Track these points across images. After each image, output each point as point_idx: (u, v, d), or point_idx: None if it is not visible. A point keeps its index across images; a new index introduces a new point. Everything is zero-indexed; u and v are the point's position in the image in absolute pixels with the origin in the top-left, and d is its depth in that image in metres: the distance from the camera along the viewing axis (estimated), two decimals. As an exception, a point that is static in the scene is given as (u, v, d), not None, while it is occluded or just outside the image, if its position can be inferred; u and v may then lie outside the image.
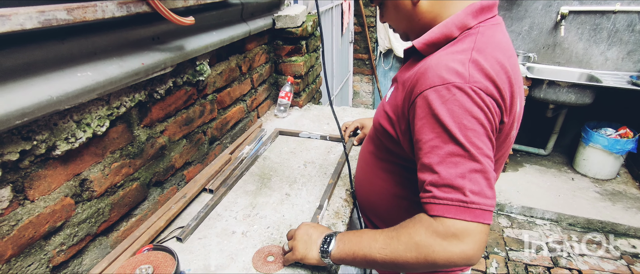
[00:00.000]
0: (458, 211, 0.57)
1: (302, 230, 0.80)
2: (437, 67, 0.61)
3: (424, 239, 0.59)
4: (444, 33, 0.67)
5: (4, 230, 0.61)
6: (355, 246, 0.70)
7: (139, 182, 0.93)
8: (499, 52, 0.63)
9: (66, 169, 0.72)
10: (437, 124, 0.59)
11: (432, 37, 0.69)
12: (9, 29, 0.51)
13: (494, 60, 0.61)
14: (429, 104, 0.60)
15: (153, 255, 0.75)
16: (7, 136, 0.59)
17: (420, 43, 0.70)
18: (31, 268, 0.67)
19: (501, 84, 0.60)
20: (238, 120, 1.42)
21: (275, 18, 1.56)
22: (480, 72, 0.59)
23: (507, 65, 0.62)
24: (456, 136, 0.58)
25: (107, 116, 0.78)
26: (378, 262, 0.65)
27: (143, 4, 0.73)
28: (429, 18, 0.71)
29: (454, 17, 0.67)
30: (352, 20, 3.34)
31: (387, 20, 0.80)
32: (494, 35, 0.66)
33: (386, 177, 0.84)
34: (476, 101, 0.58)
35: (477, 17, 0.67)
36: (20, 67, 0.58)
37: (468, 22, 0.66)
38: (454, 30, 0.67)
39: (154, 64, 0.84)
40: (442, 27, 0.68)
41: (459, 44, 0.65)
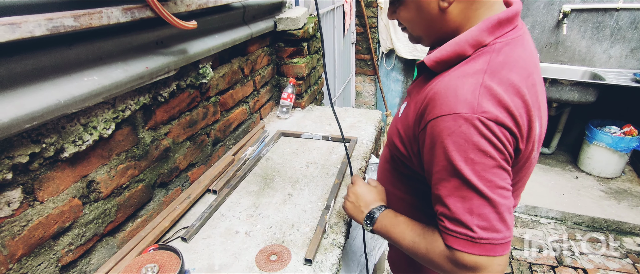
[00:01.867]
0: (467, 245, 0.57)
1: (354, 192, 0.86)
2: (446, 94, 0.57)
3: (440, 259, 0.62)
4: (456, 51, 0.61)
5: (15, 230, 0.63)
6: (390, 231, 0.75)
7: (144, 183, 0.95)
8: (515, 73, 0.57)
9: (74, 171, 0.74)
10: (444, 157, 0.57)
11: (443, 55, 0.63)
12: (19, 36, 0.53)
13: (508, 84, 0.56)
14: (437, 134, 0.58)
15: (158, 254, 0.77)
16: (18, 139, 0.61)
17: (431, 60, 0.65)
18: (41, 267, 0.69)
19: (516, 110, 0.56)
20: (241, 122, 1.44)
21: (277, 20, 1.58)
22: (492, 99, 0.55)
23: (524, 89, 0.57)
24: (462, 171, 0.56)
25: (113, 119, 0.80)
26: (404, 250, 0.72)
27: (147, 9, 0.75)
28: (452, 27, 0.64)
29: (468, 34, 0.61)
30: (353, 21, 3.35)
31: (400, 18, 0.71)
32: (512, 52, 0.60)
33: (401, 186, 0.83)
34: (484, 133, 0.54)
35: (493, 32, 0.60)
36: (30, 73, 0.60)
37: (483, 39, 0.60)
38: (467, 48, 0.61)
39: (158, 68, 0.86)
40: (454, 44, 0.62)
41: (471, 64, 0.60)
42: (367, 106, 3.86)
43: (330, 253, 0.91)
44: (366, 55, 3.62)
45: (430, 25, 0.66)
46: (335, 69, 2.88)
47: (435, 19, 0.64)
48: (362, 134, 1.51)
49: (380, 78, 3.61)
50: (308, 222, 1.01)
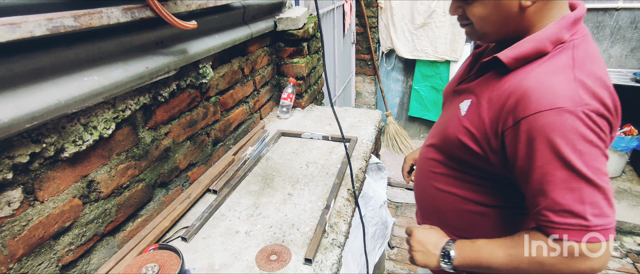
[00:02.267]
0: (580, 235, 0.59)
1: (417, 241, 0.81)
2: (541, 89, 0.59)
3: (548, 259, 0.62)
4: (536, 48, 0.63)
5: (15, 230, 0.63)
6: (476, 259, 0.71)
7: (144, 183, 0.95)
8: (596, 67, 0.61)
9: (74, 171, 0.74)
10: (549, 151, 0.58)
11: (522, 52, 0.64)
12: (19, 36, 0.53)
13: (595, 77, 0.59)
14: (538, 129, 0.58)
15: (159, 254, 0.77)
16: (18, 139, 0.61)
17: (509, 58, 0.65)
18: (41, 267, 0.69)
19: (607, 100, 0.59)
20: (241, 121, 1.44)
21: (277, 20, 1.58)
22: (587, 92, 0.58)
23: (606, 80, 0.61)
24: (572, 163, 0.57)
25: (113, 119, 0.80)
26: (502, 271, 0.69)
27: (147, 9, 0.75)
28: (525, 26, 0.65)
29: (548, 31, 0.63)
30: (353, 21, 3.35)
31: (472, 14, 0.68)
32: (588, 49, 0.63)
33: (460, 186, 0.81)
34: (589, 125, 0.57)
35: (570, 30, 0.63)
36: (30, 73, 0.60)
37: (562, 36, 0.62)
38: (548, 45, 0.62)
39: (158, 68, 0.86)
40: (534, 41, 0.63)
41: (554, 60, 0.62)
42: (367, 105, 3.86)
43: (331, 252, 0.91)
44: (366, 55, 3.62)
45: (504, 23, 0.66)
46: (335, 69, 2.88)
47: (512, 18, 0.64)
48: (362, 134, 1.51)
49: (381, 78, 3.61)
50: (308, 222, 1.01)
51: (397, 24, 3.16)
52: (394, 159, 3.35)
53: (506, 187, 0.74)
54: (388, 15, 3.18)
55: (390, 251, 2.29)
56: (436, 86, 3.24)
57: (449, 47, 3.01)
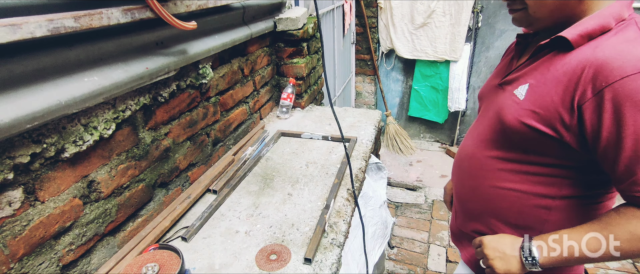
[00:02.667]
0: None
1: (491, 249, 0.77)
2: (622, 57, 0.59)
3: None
4: (601, 24, 0.65)
5: (16, 230, 0.64)
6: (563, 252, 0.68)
7: (144, 183, 0.95)
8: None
9: (74, 171, 0.75)
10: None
11: (587, 28, 0.66)
12: (20, 37, 0.53)
13: None
14: (627, 95, 0.58)
15: (159, 254, 0.77)
16: (19, 139, 0.61)
17: (574, 34, 0.66)
18: (42, 267, 0.70)
19: None
20: (241, 122, 1.44)
21: (277, 21, 1.58)
22: None
23: None
24: None
25: (113, 119, 0.81)
26: (593, 260, 0.67)
27: (147, 10, 0.75)
28: (581, 8, 0.68)
29: (610, 8, 0.66)
30: (353, 21, 3.35)
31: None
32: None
33: (522, 180, 0.78)
34: None
35: (630, 9, 0.67)
36: (31, 74, 0.61)
37: (623, 13, 0.66)
38: (611, 21, 0.65)
39: (158, 68, 0.86)
40: (598, 18, 0.66)
41: (621, 34, 0.64)
42: (367, 105, 3.86)
43: (330, 252, 0.92)
44: (366, 55, 3.62)
45: (561, 7, 0.68)
46: (335, 69, 2.88)
47: (570, 1, 0.67)
48: (362, 134, 1.51)
49: (380, 78, 3.61)
50: (308, 221, 1.02)
51: (397, 24, 3.17)
52: (393, 159, 3.35)
53: (576, 173, 0.72)
54: (388, 15, 3.18)
55: (390, 251, 2.29)
56: (436, 85, 3.24)
57: (448, 47, 3.01)
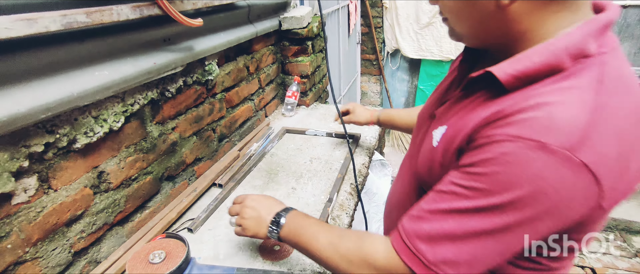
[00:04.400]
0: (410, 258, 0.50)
1: (249, 207, 0.74)
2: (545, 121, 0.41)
3: (358, 260, 0.56)
4: (548, 62, 0.44)
5: (30, 216, 0.67)
6: (298, 237, 0.66)
7: (152, 176, 0.98)
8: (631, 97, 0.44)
9: (85, 162, 0.78)
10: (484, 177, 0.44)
11: (528, 66, 0.45)
12: (36, 31, 0.56)
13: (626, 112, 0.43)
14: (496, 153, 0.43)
15: (165, 242, 0.80)
16: (34, 129, 0.64)
17: (508, 74, 0.46)
18: (55, 253, 0.73)
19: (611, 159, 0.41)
20: (246, 118, 1.47)
21: (282, 19, 1.61)
22: (601, 134, 0.41)
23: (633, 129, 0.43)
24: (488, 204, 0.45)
25: (122, 113, 0.84)
26: (314, 258, 0.63)
27: (155, 7, 0.78)
28: (517, 30, 0.47)
29: (569, 37, 0.43)
30: (358, 21, 3.37)
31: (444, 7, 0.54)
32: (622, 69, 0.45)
33: None
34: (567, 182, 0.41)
35: (599, 38, 0.44)
36: (45, 66, 0.64)
37: (587, 46, 0.43)
38: (565, 58, 0.43)
39: (165, 64, 0.89)
40: (546, 52, 0.44)
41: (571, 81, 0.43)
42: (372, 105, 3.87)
43: (332, 244, 0.93)
44: (371, 55, 3.63)
45: (480, 24, 0.49)
46: (340, 69, 2.90)
47: (489, 17, 0.47)
48: (366, 130, 1.52)
49: (386, 78, 3.62)
50: (311, 214, 1.03)
51: (402, 23, 3.18)
52: (399, 158, 3.36)
53: None
54: (393, 15, 3.19)
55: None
56: (441, 85, 3.24)
57: (454, 47, 3.01)
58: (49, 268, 0.72)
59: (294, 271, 0.84)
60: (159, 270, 0.72)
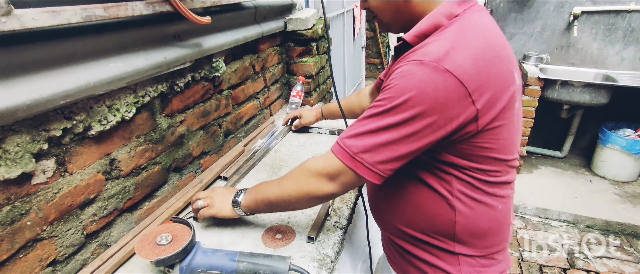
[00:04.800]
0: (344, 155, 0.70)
1: (217, 191, 0.94)
2: (424, 50, 0.64)
3: (302, 174, 0.80)
4: (432, 23, 0.68)
5: (48, 196, 0.71)
6: (255, 194, 0.86)
7: (160, 166, 1.02)
8: (485, 34, 0.65)
9: (99, 148, 0.82)
10: (389, 89, 0.66)
11: (421, 28, 0.69)
12: (59, 22, 0.61)
13: (476, 42, 0.64)
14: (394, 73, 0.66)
15: (172, 226, 0.84)
16: (53, 114, 0.69)
17: (411, 35, 0.70)
18: (69, 233, 0.77)
19: (468, 68, 0.61)
20: (251, 116, 1.51)
21: (287, 21, 1.66)
22: (455, 54, 0.62)
23: (487, 49, 0.64)
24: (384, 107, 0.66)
25: (134, 104, 0.89)
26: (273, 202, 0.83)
27: (166, 3, 0.83)
28: (418, 10, 0.72)
29: (442, 7, 0.69)
30: (363, 25, 3.42)
31: (371, 6, 0.78)
32: (480, 18, 0.68)
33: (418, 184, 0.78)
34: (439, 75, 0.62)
35: (462, 5, 0.69)
36: (66, 56, 0.69)
37: (454, 10, 0.68)
38: (443, 19, 0.68)
39: (175, 59, 0.94)
40: (432, 18, 0.68)
41: (446, 30, 0.66)
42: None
43: (333, 233, 0.96)
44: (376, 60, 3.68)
45: (396, 12, 0.74)
46: (345, 72, 2.94)
47: (400, 5, 0.73)
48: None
49: (390, 81, 3.66)
50: (312, 206, 1.07)
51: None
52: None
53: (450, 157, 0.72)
54: (397, 20, 3.23)
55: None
56: (445, 88, 3.25)
57: (458, 50, 3.03)
58: (64, 247, 0.76)
59: (294, 257, 0.87)
60: (165, 251, 0.76)
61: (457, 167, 0.71)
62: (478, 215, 0.74)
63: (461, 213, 0.74)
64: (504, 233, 0.80)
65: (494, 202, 0.75)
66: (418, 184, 0.77)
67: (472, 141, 0.66)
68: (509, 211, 0.81)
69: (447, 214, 0.75)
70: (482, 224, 0.76)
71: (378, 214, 0.94)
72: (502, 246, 0.81)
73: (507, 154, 0.71)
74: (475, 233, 0.76)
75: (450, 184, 0.73)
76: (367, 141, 0.65)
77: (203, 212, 0.92)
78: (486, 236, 0.77)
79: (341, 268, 0.99)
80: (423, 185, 0.76)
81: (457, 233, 0.76)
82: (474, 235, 0.76)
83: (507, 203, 0.79)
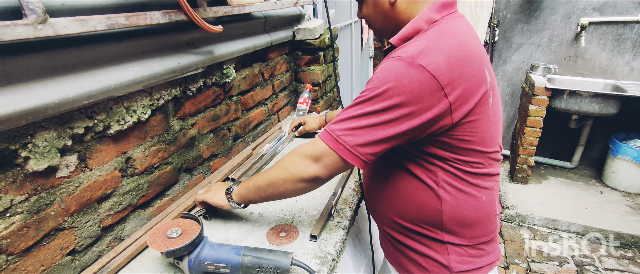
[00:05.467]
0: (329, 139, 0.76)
1: (218, 183, 1.05)
2: (403, 51, 0.71)
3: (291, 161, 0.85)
4: (414, 28, 0.77)
5: (70, 189, 0.77)
6: (246, 184, 0.91)
7: (172, 166, 1.08)
8: (458, 36, 0.72)
9: (116, 147, 0.88)
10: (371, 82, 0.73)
11: (404, 32, 0.78)
12: (86, 29, 0.68)
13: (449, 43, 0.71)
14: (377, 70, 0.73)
15: (182, 221, 0.89)
16: (77, 113, 0.76)
17: (396, 39, 0.79)
18: (87, 225, 0.83)
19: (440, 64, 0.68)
20: (260, 121, 1.57)
21: (295, 30, 1.73)
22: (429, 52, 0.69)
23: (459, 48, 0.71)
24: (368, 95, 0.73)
25: (149, 106, 0.95)
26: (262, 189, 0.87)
27: (181, 13, 0.90)
28: (403, 17, 0.80)
29: (423, 13, 0.77)
30: (372, 36, 3.49)
31: (365, 16, 0.87)
32: (455, 24, 0.75)
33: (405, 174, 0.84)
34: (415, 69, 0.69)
35: (441, 12, 0.77)
36: (91, 61, 0.75)
37: (433, 16, 0.76)
38: (423, 24, 0.76)
39: (188, 65, 1.00)
40: (414, 23, 0.77)
41: (424, 34, 0.75)
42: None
43: (335, 233, 1.00)
44: (384, 69, 3.72)
45: (385, 19, 0.83)
46: (352, 81, 3.00)
47: (388, 13, 0.81)
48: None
49: (398, 91, 3.69)
50: (316, 206, 1.11)
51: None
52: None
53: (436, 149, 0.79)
54: (405, 30, 3.28)
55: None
56: (453, 98, 3.27)
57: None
58: (82, 238, 0.82)
59: (296, 253, 0.91)
60: (175, 244, 0.81)
61: (441, 159, 0.77)
62: (462, 204, 0.79)
63: (447, 202, 0.79)
64: (490, 224, 0.85)
65: (478, 193, 0.80)
66: (407, 176, 0.83)
67: (451, 134, 0.73)
68: (493, 202, 0.85)
69: (434, 203, 0.80)
70: (468, 213, 0.80)
71: (372, 206, 1.00)
72: (489, 237, 0.85)
73: (486, 146, 0.77)
74: (461, 222, 0.80)
75: (436, 175, 0.78)
76: (348, 124, 0.73)
77: (198, 196, 1.02)
78: (472, 225, 0.81)
79: (344, 268, 1.02)
80: (411, 176, 0.82)
81: (444, 222, 0.81)
82: (460, 224, 0.81)
83: (491, 195, 0.83)
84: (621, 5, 2.67)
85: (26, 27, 0.58)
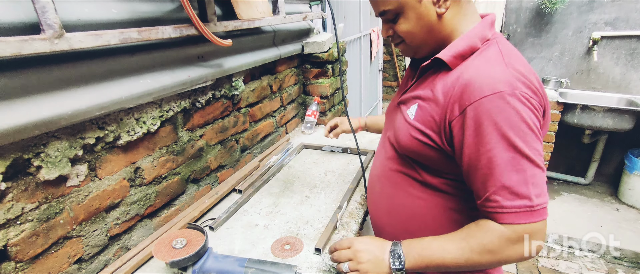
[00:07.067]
0: (527, 216, 0.63)
1: (362, 250, 0.76)
2: (481, 77, 0.65)
3: (497, 246, 0.65)
4: (469, 45, 0.71)
5: (79, 198, 0.79)
6: (427, 258, 0.71)
7: (179, 176, 1.09)
8: (519, 59, 0.70)
9: (126, 157, 0.90)
10: (496, 133, 0.62)
11: (459, 49, 0.71)
12: (100, 43, 0.70)
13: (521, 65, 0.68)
14: (485, 114, 0.63)
15: (187, 232, 0.89)
16: (89, 124, 0.78)
17: (449, 56, 0.72)
18: (95, 234, 0.84)
19: (536, 85, 0.67)
20: (267, 133, 1.58)
21: (304, 44, 1.75)
22: (520, 78, 0.65)
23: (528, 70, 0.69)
24: (515, 143, 0.62)
25: (159, 117, 0.97)
26: (451, 268, 0.70)
27: (192, 28, 0.92)
28: (447, 32, 0.74)
29: (475, 30, 0.72)
30: (381, 49, 3.51)
31: (400, 31, 0.76)
32: (507, 43, 0.74)
33: (431, 194, 0.80)
34: (528, 107, 0.63)
35: (491, 29, 0.74)
36: (103, 74, 0.78)
37: (486, 34, 0.73)
38: (477, 41, 0.71)
39: (198, 77, 1.03)
40: (467, 39, 0.71)
41: (485, 53, 0.70)
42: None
43: (339, 247, 0.99)
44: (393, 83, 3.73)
45: (429, 33, 0.74)
46: (361, 94, 3.01)
47: (433, 26, 0.73)
48: (379, 148, 1.59)
49: (407, 104, 3.69)
50: (321, 219, 1.10)
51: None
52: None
53: None
54: (414, 44, 3.29)
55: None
56: (462, 111, 3.25)
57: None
58: (89, 246, 0.83)
59: (300, 266, 0.90)
60: (180, 254, 0.81)
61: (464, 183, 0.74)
62: None
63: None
64: None
65: None
66: (427, 199, 0.81)
67: None
68: None
69: (453, 228, 0.76)
70: None
71: (379, 228, 0.97)
72: None
73: None
74: None
75: (459, 200, 0.78)
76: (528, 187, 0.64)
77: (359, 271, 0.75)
78: None
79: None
80: (431, 200, 0.81)
81: None
82: None
83: None
84: (634, 19, 2.64)
85: (43, 41, 0.61)
